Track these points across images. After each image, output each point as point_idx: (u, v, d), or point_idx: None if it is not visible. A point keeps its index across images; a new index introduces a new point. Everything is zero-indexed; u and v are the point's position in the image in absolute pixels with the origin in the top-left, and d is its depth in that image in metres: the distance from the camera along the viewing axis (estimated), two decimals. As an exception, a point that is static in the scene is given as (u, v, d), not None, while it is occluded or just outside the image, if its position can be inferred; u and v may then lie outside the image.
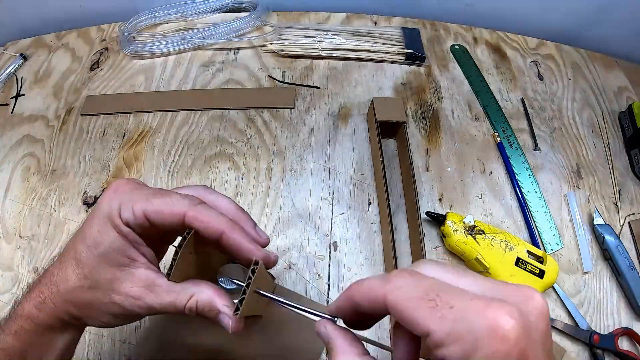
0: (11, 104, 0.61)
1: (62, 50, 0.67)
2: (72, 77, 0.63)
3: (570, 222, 0.52)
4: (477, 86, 0.63)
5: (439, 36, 0.70)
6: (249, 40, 0.67)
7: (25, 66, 0.65)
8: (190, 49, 0.66)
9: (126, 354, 0.42)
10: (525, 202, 0.52)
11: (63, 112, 0.60)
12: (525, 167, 0.55)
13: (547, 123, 0.61)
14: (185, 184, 0.52)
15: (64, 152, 0.56)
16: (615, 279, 0.48)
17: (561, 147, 0.58)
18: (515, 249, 0.45)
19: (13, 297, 0.45)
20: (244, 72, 0.64)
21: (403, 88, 0.63)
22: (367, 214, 0.51)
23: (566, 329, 0.44)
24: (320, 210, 0.51)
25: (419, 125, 0.59)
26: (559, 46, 0.70)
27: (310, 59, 0.65)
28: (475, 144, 0.58)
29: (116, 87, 0.62)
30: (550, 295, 0.47)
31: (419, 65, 0.65)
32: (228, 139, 0.57)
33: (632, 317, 0.47)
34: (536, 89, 0.64)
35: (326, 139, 0.57)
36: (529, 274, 0.44)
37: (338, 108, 0.60)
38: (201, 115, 0.59)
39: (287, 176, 0.54)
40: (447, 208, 0.52)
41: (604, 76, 0.67)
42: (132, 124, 0.58)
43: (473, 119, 0.60)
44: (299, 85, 0.62)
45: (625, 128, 0.60)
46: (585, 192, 0.55)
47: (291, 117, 0.59)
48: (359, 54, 0.65)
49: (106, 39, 0.68)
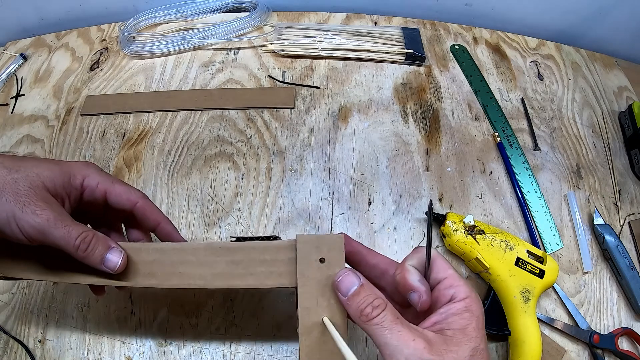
0: (11, 104, 0.61)
1: (62, 50, 0.67)
2: (72, 77, 0.63)
3: (570, 222, 0.52)
4: (477, 86, 0.63)
5: (439, 36, 0.70)
6: (249, 40, 0.67)
7: (25, 66, 0.65)
8: (190, 49, 0.66)
9: (126, 354, 0.42)
10: (525, 202, 0.52)
11: (63, 112, 0.60)
12: (525, 167, 0.55)
13: (547, 123, 0.61)
14: (185, 184, 0.53)
15: (64, 152, 0.56)
16: (615, 279, 0.48)
17: (561, 147, 0.58)
18: (515, 249, 0.45)
19: (13, 297, 0.45)
20: (244, 72, 0.64)
21: (403, 88, 0.63)
22: (367, 214, 0.51)
23: (566, 329, 0.44)
24: (320, 210, 0.51)
25: (419, 125, 0.59)
26: (559, 46, 0.70)
27: (310, 59, 0.65)
28: (475, 144, 0.58)
29: (116, 87, 0.62)
30: (550, 295, 0.47)
31: (419, 65, 0.65)
32: (228, 139, 0.57)
33: (632, 317, 0.47)
34: (536, 89, 0.64)
35: (326, 139, 0.57)
36: (529, 274, 0.44)
37: (338, 108, 0.60)
38: (201, 115, 0.59)
39: (287, 176, 0.54)
40: (447, 208, 0.52)
41: (604, 76, 0.67)
42: (132, 124, 0.58)
43: (473, 119, 0.60)
44: (299, 85, 0.62)
45: (625, 128, 0.60)
46: (585, 192, 0.55)
47: (291, 117, 0.59)
48: (359, 54, 0.65)
49: (106, 39, 0.68)
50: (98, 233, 0.31)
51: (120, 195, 0.34)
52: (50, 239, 0.29)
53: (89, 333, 0.43)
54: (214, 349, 0.43)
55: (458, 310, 0.27)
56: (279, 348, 0.43)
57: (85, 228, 0.30)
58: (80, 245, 0.29)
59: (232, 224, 0.50)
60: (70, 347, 0.42)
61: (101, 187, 0.34)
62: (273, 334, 0.43)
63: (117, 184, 0.35)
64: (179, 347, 0.43)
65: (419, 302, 0.28)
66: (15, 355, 0.42)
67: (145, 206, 0.36)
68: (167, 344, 0.43)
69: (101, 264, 0.30)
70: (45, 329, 0.43)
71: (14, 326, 0.43)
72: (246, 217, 0.50)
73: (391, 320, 0.26)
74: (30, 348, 0.42)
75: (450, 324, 0.26)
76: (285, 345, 0.43)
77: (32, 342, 0.43)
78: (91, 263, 0.30)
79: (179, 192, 0.52)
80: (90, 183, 0.33)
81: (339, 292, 0.28)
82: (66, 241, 0.29)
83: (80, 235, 0.29)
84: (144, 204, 0.36)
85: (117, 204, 0.35)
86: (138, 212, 0.35)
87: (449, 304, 0.27)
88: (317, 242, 0.30)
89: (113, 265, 0.30)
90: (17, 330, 0.43)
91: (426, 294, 0.28)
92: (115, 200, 0.34)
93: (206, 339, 0.43)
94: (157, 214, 0.37)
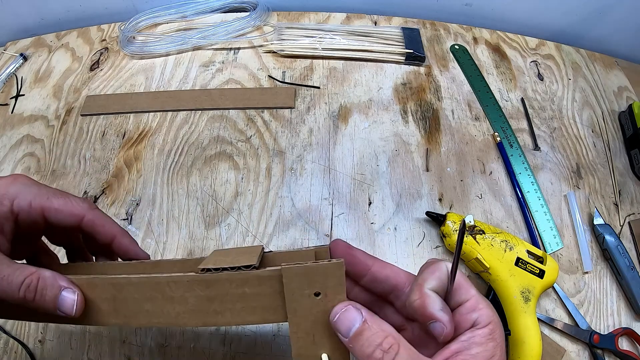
0: (11, 104, 0.61)
1: (62, 50, 0.67)
2: (72, 77, 0.63)
3: (570, 222, 0.52)
4: (477, 86, 0.63)
5: (439, 36, 0.70)
6: (249, 40, 0.67)
7: (25, 66, 0.65)
8: (190, 49, 0.66)
9: (126, 354, 0.42)
10: (525, 202, 0.52)
11: (63, 112, 0.60)
12: (525, 167, 0.55)
13: (547, 123, 0.61)
14: (185, 184, 0.53)
15: (64, 152, 0.56)
16: (615, 279, 0.48)
17: (561, 147, 0.58)
18: (515, 249, 0.45)
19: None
20: (244, 72, 0.64)
21: (403, 88, 0.63)
22: (367, 214, 0.51)
23: (566, 329, 0.44)
24: (320, 210, 0.51)
25: (419, 125, 0.59)
26: (559, 46, 0.70)
27: (310, 59, 0.65)
28: (475, 144, 0.58)
29: (116, 87, 0.62)
30: (550, 295, 0.47)
31: (419, 65, 0.65)
32: (228, 139, 0.57)
33: (632, 317, 0.47)
34: (536, 89, 0.64)
35: (326, 139, 0.57)
36: (529, 274, 0.44)
37: (338, 108, 0.60)
38: (201, 115, 0.59)
39: (287, 176, 0.54)
40: (447, 208, 0.52)
41: (604, 76, 0.67)
42: (132, 124, 0.58)
43: (473, 119, 0.60)
44: (299, 85, 0.62)
45: (625, 128, 0.60)
46: (585, 192, 0.55)
47: (291, 117, 0.59)
48: (359, 54, 0.65)
49: (106, 39, 0.68)
50: (43, 273, 0.26)
51: (61, 211, 0.29)
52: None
53: (89, 333, 0.43)
54: (214, 349, 0.43)
55: (482, 339, 0.24)
56: (279, 348, 0.43)
57: (27, 271, 0.25)
58: (25, 295, 0.25)
59: (232, 224, 0.50)
60: (70, 347, 0.42)
61: (36, 206, 0.28)
62: (273, 334, 0.43)
63: (53, 198, 0.29)
64: (179, 347, 0.43)
65: (442, 335, 0.25)
66: (15, 355, 0.42)
67: (95, 219, 0.30)
68: (167, 344, 0.43)
69: (56, 309, 0.26)
70: (45, 329, 0.43)
71: (14, 326, 0.43)
72: (246, 217, 0.50)
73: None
74: (30, 348, 0.42)
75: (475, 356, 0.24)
76: (286, 346, 0.43)
77: (32, 342, 0.43)
78: (45, 310, 0.26)
79: (179, 192, 0.52)
80: (21, 205, 0.28)
81: (338, 332, 0.24)
82: (8, 294, 0.25)
83: (22, 283, 0.25)
84: (93, 215, 0.30)
85: (59, 222, 0.29)
86: (87, 228, 0.30)
87: (472, 331, 0.25)
88: (308, 274, 0.24)
89: (69, 310, 0.26)
90: (17, 330, 0.43)
91: (450, 324, 0.25)
92: (57, 218, 0.29)
93: (206, 339, 0.43)
94: (109, 226, 0.31)
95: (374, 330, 0.23)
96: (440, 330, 0.24)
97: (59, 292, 0.26)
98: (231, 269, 0.25)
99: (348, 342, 0.24)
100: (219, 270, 0.25)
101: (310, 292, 0.24)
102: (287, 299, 0.25)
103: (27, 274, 0.25)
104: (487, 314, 0.25)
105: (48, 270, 0.26)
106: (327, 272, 0.24)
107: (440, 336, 0.24)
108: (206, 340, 0.43)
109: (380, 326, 0.24)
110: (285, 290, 0.24)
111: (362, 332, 0.23)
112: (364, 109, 0.60)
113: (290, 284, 0.24)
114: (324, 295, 0.24)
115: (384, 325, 0.24)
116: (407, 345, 0.23)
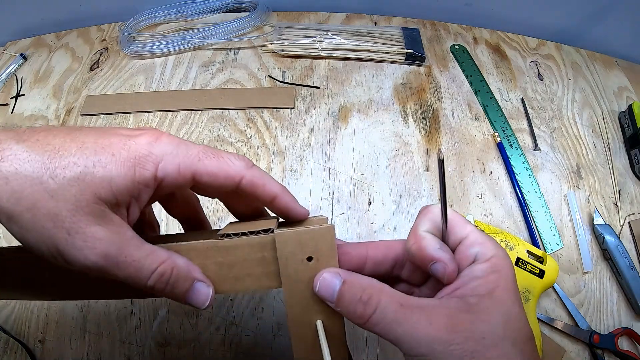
0: (11, 104, 0.61)
1: (62, 50, 0.67)
2: (72, 77, 0.64)
3: (570, 222, 0.52)
4: (477, 86, 0.63)
5: (439, 36, 0.70)
6: (249, 40, 0.67)
7: (25, 66, 0.65)
8: (190, 49, 0.66)
9: (126, 354, 0.42)
10: (525, 202, 0.52)
11: (63, 112, 0.60)
12: (525, 167, 0.55)
13: (547, 123, 0.61)
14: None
15: (64, 152, 0.56)
16: (615, 279, 0.48)
17: (561, 147, 0.58)
18: (515, 249, 0.45)
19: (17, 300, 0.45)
20: (243, 72, 0.64)
21: (403, 88, 0.63)
22: (367, 214, 0.51)
23: (566, 329, 0.44)
24: (320, 210, 0.51)
25: (419, 125, 0.59)
26: (559, 46, 0.70)
27: (310, 59, 0.65)
28: (475, 144, 0.58)
29: (116, 87, 0.62)
30: (550, 295, 0.47)
31: (419, 65, 0.65)
32: (228, 139, 0.57)
33: (632, 317, 0.47)
34: (536, 89, 0.64)
35: (326, 139, 0.57)
36: (529, 274, 0.44)
37: (338, 108, 0.60)
38: (201, 115, 0.59)
39: (287, 176, 0.54)
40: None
41: (604, 76, 0.67)
42: (132, 124, 0.58)
43: (473, 119, 0.60)
44: (299, 85, 0.62)
45: (625, 128, 0.60)
46: (585, 192, 0.55)
47: (291, 117, 0.59)
48: (359, 54, 0.65)
49: (106, 39, 0.68)
50: (177, 261, 0.23)
51: (216, 175, 0.24)
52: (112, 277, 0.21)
53: (89, 333, 0.43)
54: (214, 349, 0.43)
55: (482, 273, 0.23)
56: (279, 348, 0.43)
57: (159, 258, 0.22)
58: (155, 285, 0.22)
59: (232, 224, 0.50)
60: (70, 347, 0.43)
61: (185, 171, 0.23)
62: (273, 334, 0.43)
63: (206, 160, 0.24)
64: (179, 347, 0.43)
65: (445, 274, 0.23)
66: (16, 355, 0.42)
67: (254, 178, 0.25)
68: (167, 344, 0.43)
69: (184, 302, 0.24)
70: (45, 329, 0.43)
71: (14, 326, 0.43)
72: (246, 217, 0.50)
73: (394, 310, 0.22)
74: (31, 348, 0.42)
75: (474, 289, 0.22)
76: (286, 346, 0.43)
77: (32, 342, 0.43)
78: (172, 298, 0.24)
79: (179, 192, 0.52)
80: (167, 169, 0.23)
81: (325, 300, 0.24)
82: (135, 281, 0.22)
83: (154, 272, 0.22)
84: (252, 175, 0.25)
85: (212, 188, 0.25)
86: (245, 190, 0.25)
87: (472, 266, 0.23)
88: (300, 238, 0.24)
89: (200, 304, 0.24)
90: (17, 330, 0.43)
91: (451, 262, 0.23)
92: (210, 183, 0.24)
93: (206, 339, 0.43)
94: (270, 184, 0.26)
95: (354, 288, 0.23)
96: (443, 269, 0.23)
97: (191, 285, 0.24)
98: (250, 234, 0.25)
99: (336, 306, 0.24)
100: (238, 235, 0.25)
101: (302, 257, 0.25)
102: (281, 265, 0.25)
103: (159, 261, 0.22)
104: (489, 247, 0.24)
105: (181, 257, 0.24)
106: (317, 237, 0.24)
107: (444, 277, 0.23)
108: (206, 340, 0.43)
109: (359, 281, 0.23)
110: (279, 255, 0.25)
111: (344, 294, 0.23)
112: (363, 109, 0.60)
113: (284, 250, 0.25)
114: (316, 261, 0.25)
115: (362, 279, 0.23)
116: (391, 292, 0.23)
